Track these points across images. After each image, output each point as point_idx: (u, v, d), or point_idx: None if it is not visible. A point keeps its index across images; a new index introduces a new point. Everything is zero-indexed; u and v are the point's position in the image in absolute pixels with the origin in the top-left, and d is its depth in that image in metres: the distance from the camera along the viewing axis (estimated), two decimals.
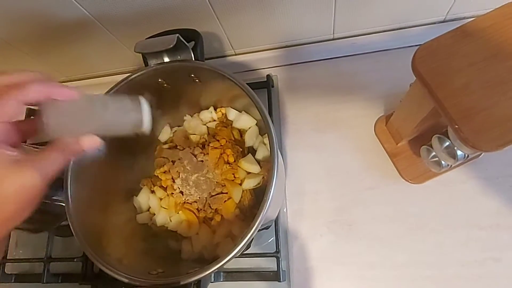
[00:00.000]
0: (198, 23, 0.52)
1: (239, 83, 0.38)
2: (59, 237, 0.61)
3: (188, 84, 0.45)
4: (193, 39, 0.43)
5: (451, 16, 0.54)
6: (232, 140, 0.48)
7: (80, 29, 0.54)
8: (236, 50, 0.62)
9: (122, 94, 0.30)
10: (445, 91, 0.32)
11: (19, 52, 0.61)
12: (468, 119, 0.30)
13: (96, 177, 0.45)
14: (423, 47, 0.34)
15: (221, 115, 0.52)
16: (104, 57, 0.63)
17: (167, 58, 0.42)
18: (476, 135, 0.30)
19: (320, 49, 0.60)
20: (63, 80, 0.71)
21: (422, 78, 0.33)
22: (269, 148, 0.35)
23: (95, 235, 0.42)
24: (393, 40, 0.57)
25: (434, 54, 0.34)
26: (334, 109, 0.58)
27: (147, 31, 0.50)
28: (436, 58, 0.34)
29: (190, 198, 0.47)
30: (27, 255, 0.62)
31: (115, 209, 0.49)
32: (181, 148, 0.49)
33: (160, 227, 0.48)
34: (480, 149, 0.30)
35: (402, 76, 0.50)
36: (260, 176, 0.45)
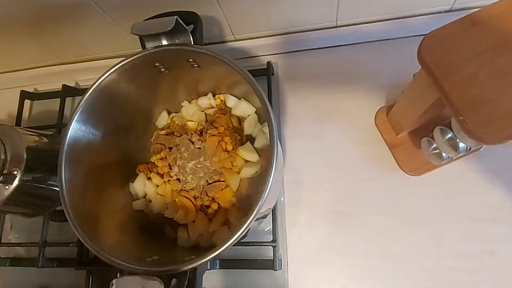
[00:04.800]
0: (197, 6, 0.50)
1: (239, 69, 0.37)
2: (55, 222, 0.60)
3: (186, 69, 0.44)
4: (192, 23, 0.41)
5: (457, 5, 0.53)
6: (230, 128, 0.47)
7: (75, 10, 0.52)
8: (236, 36, 0.60)
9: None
10: (451, 81, 0.31)
11: (13, 33, 0.59)
12: (473, 111, 0.29)
13: (91, 162, 0.44)
14: (430, 35, 0.33)
15: (219, 102, 0.51)
16: (100, 40, 0.61)
17: (165, 41, 0.40)
18: (481, 127, 0.29)
19: (322, 37, 0.59)
20: (58, 63, 0.69)
21: (427, 68, 0.33)
22: (269, 136, 0.35)
23: (90, 220, 0.42)
24: (396, 29, 0.56)
25: (441, 43, 0.33)
26: (335, 98, 0.57)
27: (145, 13, 0.48)
28: (442, 47, 0.33)
29: (187, 186, 0.46)
30: (22, 239, 0.61)
31: (111, 195, 0.48)
32: (178, 135, 0.48)
33: (156, 214, 0.48)
34: (484, 142, 0.29)
35: (405, 66, 0.49)
36: (258, 164, 0.45)
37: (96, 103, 0.42)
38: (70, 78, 0.69)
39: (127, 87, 0.44)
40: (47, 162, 0.54)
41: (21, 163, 0.50)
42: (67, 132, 0.40)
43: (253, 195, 0.44)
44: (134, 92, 0.46)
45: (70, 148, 0.40)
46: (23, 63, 0.70)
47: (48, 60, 0.69)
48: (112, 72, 0.41)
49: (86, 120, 0.41)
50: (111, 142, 0.46)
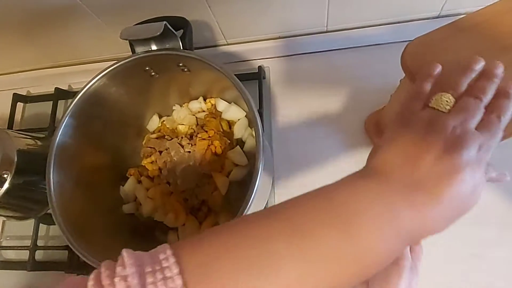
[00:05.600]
0: (189, 10, 0.51)
1: (227, 74, 0.38)
2: (45, 225, 0.60)
3: (176, 73, 0.44)
4: (182, 27, 0.42)
5: (445, 12, 0.54)
6: (220, 132, 0.47)
7: (68, 14, 0.53)
8: (228, 40, 0.61)
9: None
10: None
11: (6, 36, 0.59)
12: None
13: (81, 166, 0.44)
14: (413, 42, 0.34)
15: (210, 106, 0.51)
16: (92, 43, 0.62)
17: (154, 46, 0.41)
18: None
19: (313, 41, 0.59)
20: (51, 66, 0.69)
21: (410, 74, 0.33)
22: (255, 141, 0.35)
23: (79, 224, 0.42)
24: (386, 34, 0.57)
25: (425, 50, 0.33)
26: (326, 102, 0.57)
27: (137, 17, 0.48)
28: (426, 53, 0.33)
29: (177, 189, 0.46)
30: (13, 242, 0.61)
31: (101, 198, 0.48)
32: (169, 138, 0.48)
33: (147, 217, 0.48)
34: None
35: (395, 71, 0.49)
36: (247, 168, 0.45)
37: (86, 107, 0.42)
38: (63, 81, 0.69)
39: (117, 91, 0.45)
40: (38, 165, 0.53)
41: (11, 166, 0.50)
42: (55, 136, 0.40)
43: (242, 198, 0.44)
44: (124, 96, 0.47)
45: (59, 152, 0.40)
46: (16, 65, 0.70)
47: (41, 63, 0.69)
48: (101, 76, 0.41)
49: (75, 124, 0.42)
50: (101, 145, 0.47)
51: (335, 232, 0.21)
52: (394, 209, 0.22)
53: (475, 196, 0.24)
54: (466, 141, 0.24)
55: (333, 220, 0.22)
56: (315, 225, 0.21)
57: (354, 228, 0.21)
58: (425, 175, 0.23)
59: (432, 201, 0.22)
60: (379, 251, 0.22)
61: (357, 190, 0.23)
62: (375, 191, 0.23)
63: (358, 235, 0.21)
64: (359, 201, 0.22)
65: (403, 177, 0.23)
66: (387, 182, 0.23)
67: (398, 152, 0.24)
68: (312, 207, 0.23)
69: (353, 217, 0.22)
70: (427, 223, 0.23)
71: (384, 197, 0.22)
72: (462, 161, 0.23)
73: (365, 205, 0.22)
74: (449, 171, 0.23)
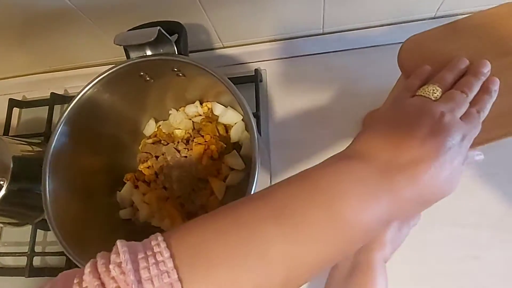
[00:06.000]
0: (184, 15, 0.50)
1: (221, 78, 0.38)
2: (42, 231, 0.60)
3: (172, 78, 0.44)
4: (177, 32, 0.42)
5: (441, 12, 0.54)
6: (216, 136, 0.47)
7: (62, 19, 0.52)
8: (224, 43, 0.61)
9: None
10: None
11: (0, 41, 0.59)
12: None
13: (77, 172, 0.44)
14: (410, 39, 0.34)
15: (207, 110, 0.51)
16: (87, 47, 0.61)
17: (149, 51, 0.40)
18: None
19: (309, 44, 0.59)
20: (47, 71, 0.69)
21: (406, 71, 0.33)
22: (251, 147, 0.35)
23: (75, 231, 0.42)
24: (382, 36, 0.57)
25: (420, 48, 0.33)
26: (323, 104, 0.57)
27: (132, 22, 0.48)
28: (422, 52, 0.33)
29: (173, 194, 0.46)
30: (10, 248, 0.61)
31: (98, 204, 0.48)
32: (165, 143, 0.48)
33: (144, 223, 0.48)
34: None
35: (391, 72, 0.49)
36: (244, 172, 0.45)
37: (81, 114, 0.42)
38: (59, 86, 0.69)
39: (112, 96, 0.45)
40: (34, 171, 0.53)
41: (7, 173, 0.50)
42: (50, 144, 0.40)
43: None
44: (119, 101, 0.46)
45: (55, 160, 0.40)
46: (11, 71, 0.70)
47: (37, 68, 0.68)
48: (95, 82, 0.41)
49: (70, 131, 0.41)
50: (97, 151, 0.47)
51: (320, 212, 0.22)
52: (375, 191, 0.23)
53: (452, 184, 0.25)
54: (453, 128, 0.24)
55: (318, 201, 0.22)
56: (302, 206, 0.22)
57: (337, 208, 0.22)
58: (407, 158, 0.23)
59: (409, 185, 0.23)
60: (361, 229, 0.23)
61: (340, 173, 0.24)
62: (357, 173, 0.23)
63: (341, 215, 0.22)
64: (342, 182, 0.23)
65: (385, 160, 0.24)
66: (369, 164, 0.24)
67: (382, 134, 0.25)
68: (298, 189, 0.23)
69: (336, 198, 0.22)
70: (402, 207, 0.23)
71: (366, 179, 0.23)
72: (445, 146, 0.23)
73: (348, 186, 0.23)
74: (429, 155, 0.23)
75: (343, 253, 0.24)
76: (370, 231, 0.23)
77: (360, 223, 0.22)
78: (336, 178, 0.23)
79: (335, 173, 0.24)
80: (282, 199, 0.23)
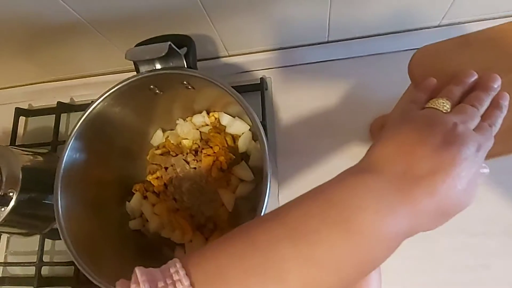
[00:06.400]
0: (191, 26, 0.51)
1: (231, 92, 0.38)
2: (50, 240, 0.60)
3: (180, 90, 0.45)
4: (185, 45, 0.42)
5: (446, 21, 0.54)
6: (225, 147, 0.47)
7: (70, 30, 0.53)
8: (229, 52, 0.61)
9: None
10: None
11: (7, 51, 0.59)
12: None
13: (87, 185, 0.44)
14: (422, 50, 0.34)
15: (214, 120, 0.51)
16: (94, 58, 0.62)
17: (159, 65, 0.41)
18: None
19: (314, 52, 0.59)
20: (53, 80, 0.69)
21: (416, 81, 0.33)
22: (262, 158, 0.35)
23: (86, 243, 0.42)
24: (387, 44, 0.57)
25: (432, 59, 0.33)
26: (328, 112, 0.57)
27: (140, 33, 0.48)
28: (433, 63, 0.33)
29: (183, 205, 0.46)
30: (19, 258, 0.61)
31: (108, 215, 0.48)
32: (174, 154, 0.48)
33: (153, 234, 0.48)
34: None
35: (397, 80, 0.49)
36: (253, 183, 0.45)
37: (90, 129, 0.42)
38: (65, 94, 0.69)
39: (121, 110, 0.45)
40: (43, 181, 0.54)
41: (16, 184, 0.50)
42: (61, 161, 0.40)
43: (249, 213, 0.45)
44: (128, 114, 0.47)
45: (65, 175, 0.40)
46: (17, 80, 0.70)
47: (43, 77, 0.69)
48: (105, 97, 0.41)
49: (80, 146, 0.42)
50: (106, 163, 0.47)
51: (335, 230, 0.21)
52: (391, 204, 0.22)
53: (470, 195, 0.24)
54: (467, 137, 0.24)
55: (333, 218, 0.22)
56: (317, 226, 0.22)
57: (353, 224, 0.21)
58: (423, 168, 0.23)
59: (426, 196, 0.22)
60: (380, 245, 0.22)
61: (354, 187, 0.23)
62: (371, 187, 0.23)
63: (358, 233, 0.21)
64: (356, 197, 0.22)
65: (399, 172, 0.23)
66: (383, 177, 0.23)
67: (394, 146, 0.25)
68: (312, 206, 0.23)
69: (352, 215, 0.22)
70: (421, 219, 0.23)
71: (381, 194, 0.22)
72: (461, 156, 0.23)
73: (363, 201, 0.22)
74: (445, 165, 0.23)
75: (363, 271, 0.23)
76: (390, 246, 0.23)
77: (378, 239, 0.22)
78: (350, 193, 0.23)
79: (349, 187, 0.23)
80: (296, 218, 0.22)
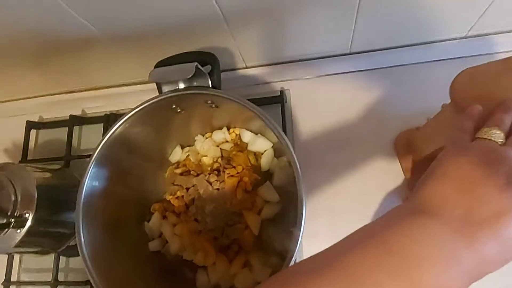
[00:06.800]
0: (211, 39, 0.49)
1: (260, 113, 0.37)
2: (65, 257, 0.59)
3: (203, 108, 0.43)
4: (210, 63, 0.40)
5: (473, 32, 0.52)
6: (249, 167, 0.46)
7: (84, 43, 0.51)
8: (247, 64, 0.59)
9: None
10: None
11: (17, 63, 0.58)
12: None
13: (107, 208, 0.43)
14: (464, 72, 0.32)
15: (234, 136, 0.50)
16: (106, 69, 0.60)
17: (182, 85, 0.39)
18: None
19: (335, 63, 0.58)
20: (64, 92, 0.67)
21: (458, 104, 0.32)
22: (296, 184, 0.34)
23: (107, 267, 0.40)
24: (411, 55, 0.55)
25: (475, 82, 0.32)
26: (349, 126, 0.56)
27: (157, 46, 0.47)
28: (476, 86, 0.32)
29: (206, 227, 0.45)
30: (32, 277, 0.60)
31: (126, 235, 0.47)
32: (195, 174, 0.47)
33: (175, 255, 0.47)
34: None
35: (420, 92, 0.48)
36: (279, 204, 0.44)
37: (110, 152, 0.41)
38: (76, 106, 0.67)
39: (142, 129, 0.43)
40: (57, 199, 0.53)
41: (32, 204, 0.49)
42: (82, 185, 0.38)
43: (275, 236, 0.43)
44: (148, 132, 0.45)
45: (86, 200, 0.39)
46: (28, 92, 0.68)
47: (54, 89, 0.67)
48: (127, 118, 0.40)
49: (100, 168, 0.40)
50: (125, 184, 0.45)
51: (397, 283, 0.20)
52: (455, 252, 0.21)
53: None
54: None
55: (394, 269, 0.20)
56: (378, 277, 0.20)
57: (416, 277, 0.20)
58: (486, 211, 0.21)
59: (491, 240, 0.21)
60: None
61: (413, 232, 0.22)
62: (431, 233, 0.21)
63: (421, 284, 0.20)
64: (417, 245, 0.21)
65: (460, 215, 0.22)
66: (444, 221, 0.22)
67: (452, 184, 0.23)
68: (369, 254, 0.21)
69: (413, 265, 0.20)
70: (485, 263, 0.21)
71: (443, 239, 0.21)
72: None
73: (425, 249, 0.21)
74: (510, 207, 0.21)
75: None
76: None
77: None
78: (409, 240, 0.21)
79: (407, 233, 0.22)
80: (353, 268, 0.21)
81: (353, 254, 0.22)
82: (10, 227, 0.47)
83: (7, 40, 0.50)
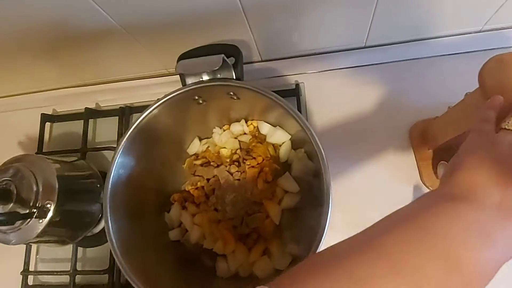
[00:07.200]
0: (229, 32, 0.50)
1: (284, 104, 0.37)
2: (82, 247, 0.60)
3: (224, 99, 0.44)
4: (233, 55, 0.41)
5: (488, 26, 0.53)
6: (268, 158, 0.46)
7: (102, 35, 0.51)
8: (263, 57, 0.60)
9: None
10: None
11: (32, 55, 0.58)
12: None
13: (130, 197, 0.44)
14: (493, 59, 0.33)
15: (252, 128, 0.50)
16: (122, 62, 0.61)
17: (206, 76, 0.40)
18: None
19: (350, 57, 0.58)
20: (78, 84, 0.68)
21: (486, 91, 0.32)
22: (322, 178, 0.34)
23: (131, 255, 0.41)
24: (425, 49, 0.56)
25: (504, 69, 0.32)
26: (363, 119, 0.56)
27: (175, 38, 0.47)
28: (504, 73, 0.32)
29: (226, 216, 0.46)
30: (50, 267, 0.61)
31: (148, 226, 0.48)
32: (215, 165, 0.48)
33: (194, 244, 0.47)
34: None
35: (433, 86, 0.48)
36: (299, 194, 0.45)
37: (134, 142, 0.41)
38: (90, 99, 0.68)
39: (164, 120, 0.44)
40: (76, 189, 0.53)
41: (53, 194, 0.49)
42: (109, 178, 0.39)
43: (293, 223, 0.44)
44: (170, 123, 0.46)
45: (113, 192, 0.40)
46: (42, 84, 0.69)
47: (68, 82, 0.68)
48: (154, 108, 0.40)
49: (124, 161, 0.41)
50: (147, 175, 0.46)
51: (437, 263, 0.21)
52: (491, 235, 0.22)
53: None
54: None
55: (435, 250, 0.21)
56: (419, 257, 0.21)
57: (456, 258, 0.21)
58: None
59: None
60: (478, 278, 0.22)
61: (451, 216, 0.23)
62: (469, 218, 0.23)
63: (459, 264, 0.21)
64: (456, 228, 0.22)
65: (495, 202, 0.23)
66: (481, 206, 0.23)
67: (486, 174, 0.24)
68: (410, 237, 0.22)
69: (453, 246, 0.22)
70: None
71: (480, 223, 0.22)
72: None
73: (463, 232, 0.22)
74: None
75: None
76: (490, 277, 0.23)
77: (478, 271, 0.22)
78: (448, 224, 0.22)
79: (445, 217, 0.23)
80: (395, 249, 0.22)
81: (394, 236, 0.23)
82: (32, 217, 0.48)
83: (25, 32, 0.51)
